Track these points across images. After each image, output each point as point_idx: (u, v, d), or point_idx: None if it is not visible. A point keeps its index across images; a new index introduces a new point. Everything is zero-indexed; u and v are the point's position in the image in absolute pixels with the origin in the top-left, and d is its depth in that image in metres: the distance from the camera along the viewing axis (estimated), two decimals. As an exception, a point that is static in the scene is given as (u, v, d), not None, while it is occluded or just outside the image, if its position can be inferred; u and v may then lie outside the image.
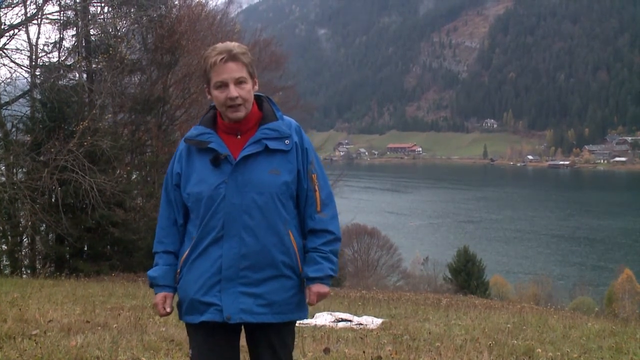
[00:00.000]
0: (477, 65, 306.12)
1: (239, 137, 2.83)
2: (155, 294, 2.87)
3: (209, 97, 2.88)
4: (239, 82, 2.77)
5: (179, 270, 2.85)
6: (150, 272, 2.88)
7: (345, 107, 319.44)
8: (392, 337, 7.17)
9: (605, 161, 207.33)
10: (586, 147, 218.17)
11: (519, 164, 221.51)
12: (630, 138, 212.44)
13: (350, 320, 8.54)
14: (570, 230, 78.22)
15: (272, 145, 2.80)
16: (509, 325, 8.26)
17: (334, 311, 9.34)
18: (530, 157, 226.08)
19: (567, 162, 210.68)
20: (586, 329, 8.20)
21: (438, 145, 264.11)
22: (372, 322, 8.59)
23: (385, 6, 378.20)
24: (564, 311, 15.00)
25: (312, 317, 8.91)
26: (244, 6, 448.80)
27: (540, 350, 6.26)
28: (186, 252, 2.82)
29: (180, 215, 2.89)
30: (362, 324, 8.36)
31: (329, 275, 2.85)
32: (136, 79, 22.14)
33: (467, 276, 31.64)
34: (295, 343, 3.18)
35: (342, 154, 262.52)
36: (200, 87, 21.81)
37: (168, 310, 2.85)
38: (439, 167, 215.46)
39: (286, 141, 2.82)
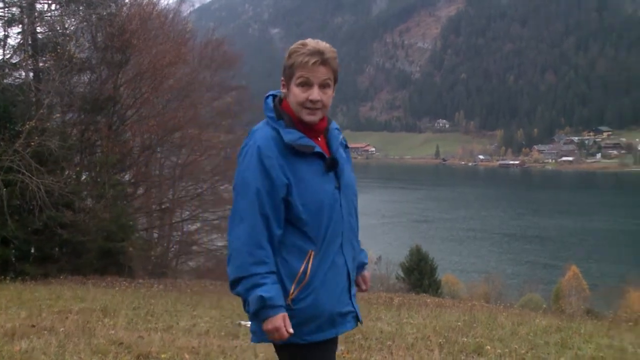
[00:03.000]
0: (429, 65, 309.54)
1: (319, 139, 2.72)
2: (271, 316, 2.48)
3: (283, 90, 2.72)
4: (323, 85, 2.64)
5: (296, 289, 2.57)
6: (262, 292, 2.48)
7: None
8: (344, 336, 7.17)
9: (554, 161, 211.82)
10: (535, 147, 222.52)
11: (470, 164, 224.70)
12: (576, 138, 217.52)
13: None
14: (521, 229, 79.61)
15: (346, 144, 2.86)
16: (459, 323, 8.36)
17: (286, 311, 9.29)
18: (481, 156, 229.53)
19: (517, 162, 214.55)
20: (534, 326, 8.35)
21: (391, 145, 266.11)
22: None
23: (338, 6, 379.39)
24: (513, 309, 15.24)
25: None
26: (197, 5, 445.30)
27: (489, 347, 6.35)
28: (307, 268, 2.57)
29: (280, 227, 2.59)
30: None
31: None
32: (85, 78, 21.67)
33: (419, 275, 31.90)
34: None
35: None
36: (152, 86, 21.56)
37: (291, 331, 2.51)
38: (392, 166, 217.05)
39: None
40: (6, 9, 18.51)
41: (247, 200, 2.55)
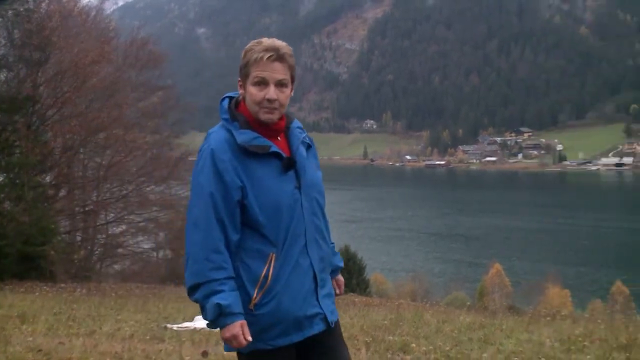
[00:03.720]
0: (357, 67, 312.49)
1: (278, 138, 2.65)
2: (229, 324, 2.42)
3: (241, 91, 2.65)
4: (280, 84, 2.57)
5: (258, 293, 2.49)
6: (219, 300, 2.41)
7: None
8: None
9: (478, 161, 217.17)
10: (460, 147, 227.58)
11: (397, 164, 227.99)
12: (499, 139, 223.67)
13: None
14: (447, 229, 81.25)
15: (309, 142, 2.77)
16: (386, 322, 8.44)
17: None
18: (408, 157, 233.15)
19: (442, 162, 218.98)
20: (458, 323, 8.50)
21: (320, 146, 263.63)
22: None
23: (265, 7, 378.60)
24: (438, 306, 15.51)
25: (192, 320, 8.76)
26: (120, 3, 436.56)
27: (414, 345, 6.42)
28: (269, 271, 2.49)
29: (237, 231, 2.52)
30: (242, 326, 8.27)
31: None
32: (2, 76, 20.89)
33: (348, 275, 32.08)
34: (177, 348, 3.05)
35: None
36: (74, 85, 20.94)
37: (250, 339, 2.44)
38: (321, 167, 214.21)
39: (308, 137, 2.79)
40: None
41: (201, 205, 2.49)
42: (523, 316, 10.73)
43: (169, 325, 8.33)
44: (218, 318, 2.41)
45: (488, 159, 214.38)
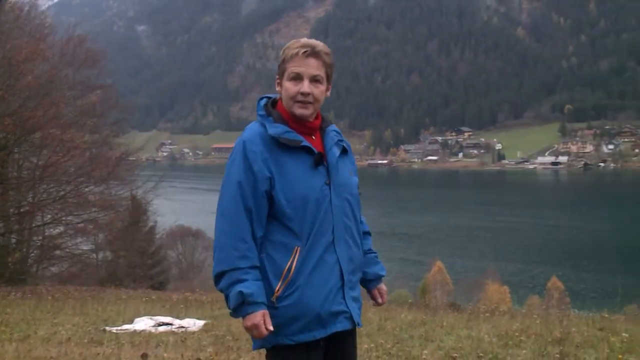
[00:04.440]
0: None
1: (313, 137, 2.69)
2: (250, 312, 2.44)
3: (278, 89, 2.73)
4: (314, 79, 2.65)
5: (281, 286, 2.51)
6: (242, 288, 2.44)
7: (168, 107, 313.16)
8: (214, 338, 7.09)
9: (419, 160, 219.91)
10: (402, 146, 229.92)
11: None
12: (440, 138, 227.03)
13: (171, 324, 8.34)
14: (390, 227, 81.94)
15: (346, 147, 2.78)
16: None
17: (154, 315, 9.08)
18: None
19: (385, 161, 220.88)
20: (400, 320, 8.59)
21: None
22: (194, 324, 8.46)
23: (206, 5, 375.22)
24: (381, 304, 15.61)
25: (132, 322, 8.61)
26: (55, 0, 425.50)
27: (356, 343, 6.43)
28: (292, 264, 2.51)
29: (262, 226, 2.56)
30: (183, 327, 8.20)
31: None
32: None
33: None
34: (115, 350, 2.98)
35: (165, 154, 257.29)
36: (7, 83, 20.32)
37: (271, 328, 2.47)
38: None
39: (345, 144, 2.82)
40: None
41: (229, 194, 2.55)
42: (463, 313, 10.91)
43: (107, 328, 8.16)
44: (240, 307, 2.44)
45: (429, 158, 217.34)
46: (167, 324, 8.34)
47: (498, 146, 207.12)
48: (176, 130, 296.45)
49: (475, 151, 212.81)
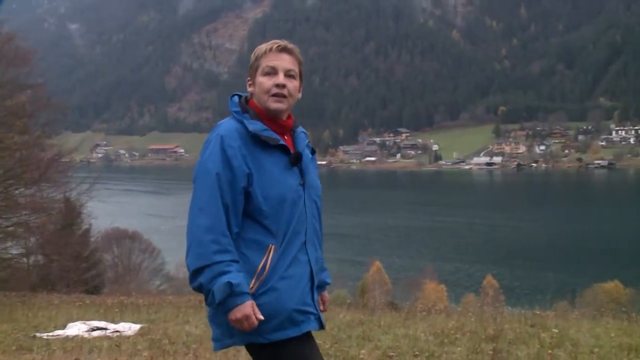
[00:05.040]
0: (237, 67, 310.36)
1: (285, 137, 2.65)
2: (239, 304, 2.38)
3: (250, 89, 2.67)
4: (289, 74, 2.62)
5: (255, 284, 2.46)
6: (229, 279, 2.37)
7: (103, 107, 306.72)
8: (149, 342, 6.97)
9: (358, 160, 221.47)
10: (341, 147, 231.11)
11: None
12: (378, 139, 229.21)
13: (105, 329, 8.16)
14: (329, 228, 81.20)
15: (314, 150, 2.80)
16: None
17: (88, 320, 8.87)
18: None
19: (324, 162, 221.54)
20: (338, 321, 8.62)
21: (200, 147, 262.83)
22: (129, 328, 8.30)
23: (143, 4, 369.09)
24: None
25: (64, 327, 8.40)
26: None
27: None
28: (267, 263, 2.48)
29: (238, 222, 2.50)
30: (118, 332, 8.04)
31: None
32: None
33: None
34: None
35: (100, 155, 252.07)
36: None
37: (261, 317, 2.41)
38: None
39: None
40: None
41: (207, 189, 2.50)
42: (401, 312, 11.03)
43: (38, 334, 7.92)
44: (228, 299, 2.37)
45: (368, 158, 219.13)
46: (101, 328, 8.17)
47: (435, 147, 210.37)
48: (112, 131, 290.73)
49: (413, 152, 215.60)
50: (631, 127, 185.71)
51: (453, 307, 19.78)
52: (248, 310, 2.39)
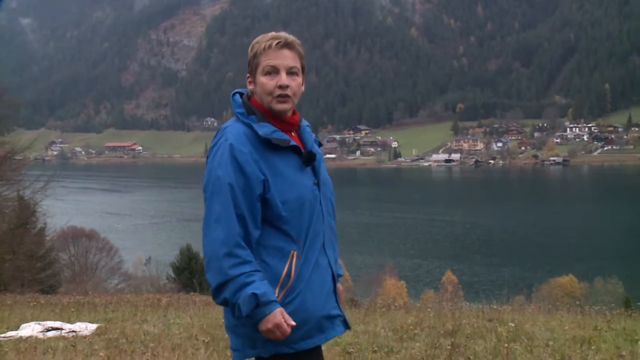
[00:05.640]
0: (195, 64, 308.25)
1: (292, 134, 2.57)
2: (268, 313, 2.29)
3: (250, 87, 2.58)
4: (291, 72, 2.52)
5: (280, 293, 2.39)
6: (253, 290, 2.28)
7: (58, 104, 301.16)
8: (106, 342, 6.87)
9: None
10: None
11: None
12: (338, 136, 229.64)
13: (61, 329, 8.01)
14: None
15: (320, 142, 2.72)
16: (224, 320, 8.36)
17: (43, 320, 8.70)
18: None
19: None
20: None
21: (159, 144, 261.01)
22: (85, 328, 8.16)
23: (97, 0, 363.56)
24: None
25: (17, 328, 8.22)
26: None
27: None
28: (291, 270, 2.41)
29: (258, 227, 2.41)
30: (74, 332, 7.90)
31: None
32: None
33: (190, 274, 31.63)
34: None
35: (55, 153, 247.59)
36: None
37: (293, 323, 2.33)
38: (161, 165, 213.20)
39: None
40: None
41: (220, 200, 2.38)
42: (360, 308, 11.08)
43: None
44: (255, 310, 2.29)
45: (328, 156, 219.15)
46: (56, 328, 8.01)
47: (394, 144, 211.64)
48: (67, 129, 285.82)
49: (372, 149, 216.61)
50: (585, 125, 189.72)
51: (412, 303, 19.95)
52: (278, 318, 2.31)
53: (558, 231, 69.81)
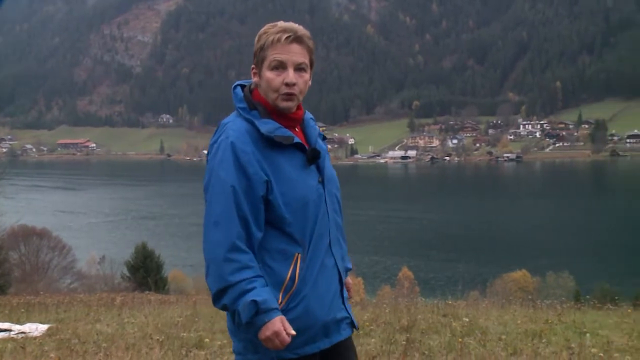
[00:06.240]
0: (150, 60, 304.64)
1: (296, 129, 2.49)
2: (267, 321, 2.22)
3: (255, 79, 2.47)
4: (299, 68, 2.41)
5: (284, 298, 2.32)
6: (253, 297, 2.21)
7: (7, 100, 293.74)
8: (58, 342, 6.74)
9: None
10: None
11: (195, 159, 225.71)
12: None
13: (9, 330, 7.84)
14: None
15: (324, 136, 2.65)
16: (181, 319, 8.30)
17: (-9, 322, 8.49)
18: (206, 151, 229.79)
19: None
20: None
21: (113, 141, 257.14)
22: (36, 329, 8.00)
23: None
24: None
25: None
26: None
27: (208, 340, 6.39)
28: (295, 274, 2.33)
29: (261, 229, 2.32)
30: (24, 333, 7.73)
31: None
32: None
33: (145, 273, 31.31)
34: None
35: (4, 150, 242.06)
36: None
37: (293, 332, 2.25)
38: (115, 163, 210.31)
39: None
40: None
41: (221, 201, 2.31)
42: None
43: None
44: (255, 317, 2.23)
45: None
46: (4, 330, 7.84)
47: (351, 141, 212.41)
48: (17, 125, 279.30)
49: (329, 146, 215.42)
50: (537, 122, 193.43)
51: (369, 299, 20.09)
52: (277, 326, 2.24)
53: (512, 227, 71.06)
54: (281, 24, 2.47)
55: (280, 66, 2.41)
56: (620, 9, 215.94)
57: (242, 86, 2.58)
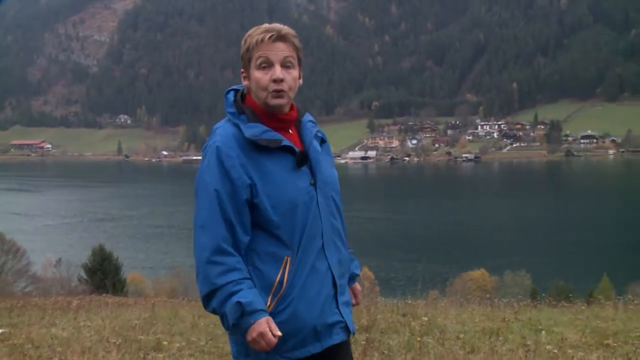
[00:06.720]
0: (107, 60, 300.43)
1: (290, 131, 2.46)
2: (253, 322, 2.21)
3: (245, 83, 2.46)
4: (286, 64, 2.39)
5: (272, 301, 2.30)
6: (239, 298, 2.20)
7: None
8: (10, 347, 6.60)
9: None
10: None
11: (154, 160, 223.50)
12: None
13: (-39, 337, 7.64)
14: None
15: (324, 137, 2.61)
16: (139, 321, 8.20)
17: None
18: (165, 152, 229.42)
19: (200, 157, 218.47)
20: (214, 317, 8.49)
21: (69, 142, 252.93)
22: (-12, 335, 7.81)
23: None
24: (195, 302, 15.46)
25: None
26: None
27: (167, 343, 6.33)
28: (284, 277, 2.31)
29: (247, 233, 2.31)
30: (-24, 339, 7.54)
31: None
32: None
33: (103, 275, 30.90)
34: None
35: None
36: None
37: (279, 333, 2.23)
38: (71, 164, 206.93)
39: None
40: None
41: (207, 205, 2.33)
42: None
43: None
44: (241, 319, 2.23)
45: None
46: (-44, 336, 7.64)
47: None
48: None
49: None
50: (495, 122, 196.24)
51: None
52: (263, 327, 2.23)
53: (471, 226, 71.96)
54: (265, 25, 2.48)
55: (267, 64, 2.41)
56: (573, 11, 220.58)
57: (236, 91, 2.59)
